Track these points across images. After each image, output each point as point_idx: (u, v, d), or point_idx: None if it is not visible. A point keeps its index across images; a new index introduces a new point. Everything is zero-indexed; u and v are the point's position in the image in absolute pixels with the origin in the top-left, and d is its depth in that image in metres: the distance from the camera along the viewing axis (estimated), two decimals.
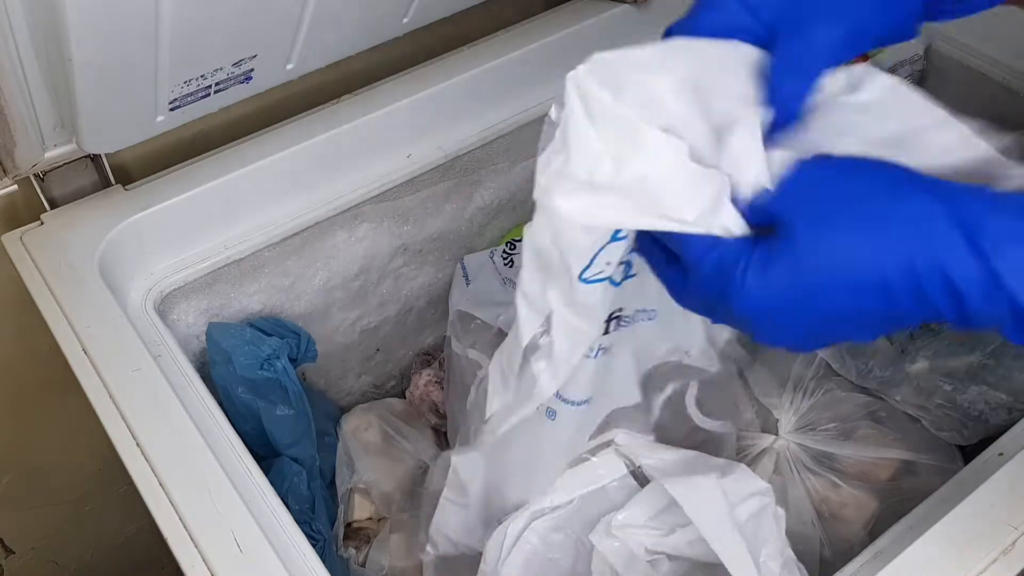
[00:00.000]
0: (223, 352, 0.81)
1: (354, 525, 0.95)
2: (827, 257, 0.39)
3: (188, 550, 0.59)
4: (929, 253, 0.38)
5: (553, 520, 0.65)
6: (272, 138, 0.84)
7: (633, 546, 0.60)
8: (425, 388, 1.00)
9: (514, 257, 0.97)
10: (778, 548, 0.59)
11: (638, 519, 0.62)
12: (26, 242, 0.77)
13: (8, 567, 1.09)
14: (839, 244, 0.39)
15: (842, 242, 0.39)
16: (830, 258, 0.39)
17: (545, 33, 0.94)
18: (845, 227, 0.39)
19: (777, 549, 0.59)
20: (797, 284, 0.40)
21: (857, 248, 0.39)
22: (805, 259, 0.39)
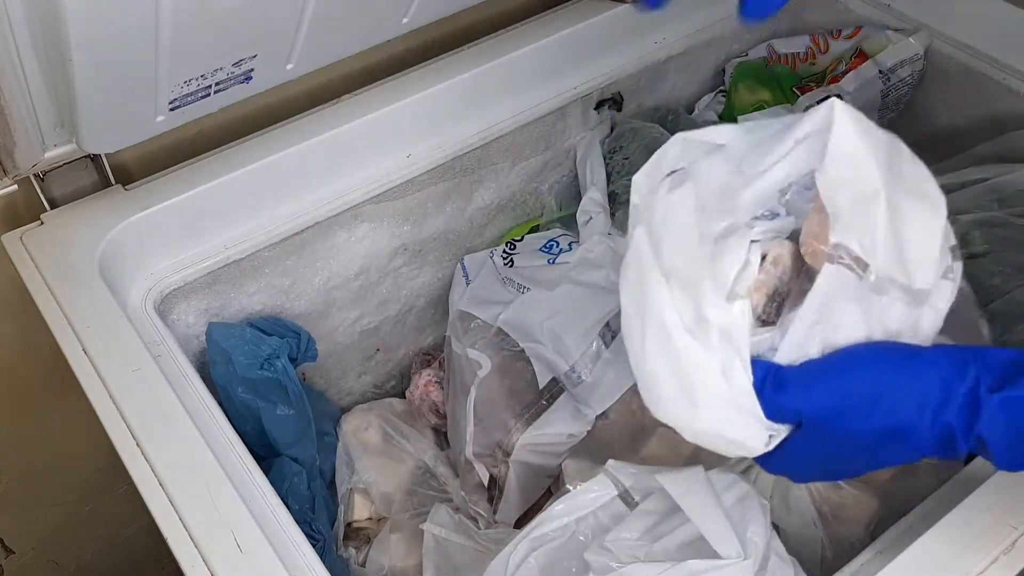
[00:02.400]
0: (223, 352, 0.81)
1: (354, 525, 0.95)
2: (832, 440, 0.51)
3: (188, 550, 0.59)
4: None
5: (551, 546, 0.65)
6: (272, 138, 0.84)
7: (625, 558, 0.60)
8: (425, 388, 1.00)
9: (514, 257, 0.97)
10: (764, 526, 0.60)
11: (631, 534, 0.63)
12: (26, 242, 0.77)
13: (8, 567, 1.09)
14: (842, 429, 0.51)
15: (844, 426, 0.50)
16: (835, 439, 0.51)
17: (545, 33, 0.94)
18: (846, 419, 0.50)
19: (763, 527, 0.60)
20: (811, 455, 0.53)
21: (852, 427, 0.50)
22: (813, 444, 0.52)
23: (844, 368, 0.50)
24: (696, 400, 0.51)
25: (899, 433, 0.49)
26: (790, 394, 0.50)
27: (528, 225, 1.05)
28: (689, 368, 0.51)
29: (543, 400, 0.86)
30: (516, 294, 0.91)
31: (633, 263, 0.54)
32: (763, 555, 0.59)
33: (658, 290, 0.51)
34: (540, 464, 0.86)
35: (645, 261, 0.53)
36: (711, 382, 0.50)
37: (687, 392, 0.51)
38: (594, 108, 1.00)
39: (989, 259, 0.78)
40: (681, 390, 0.51)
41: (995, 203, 0.82)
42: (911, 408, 0.48)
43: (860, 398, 0.49)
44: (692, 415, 0.52)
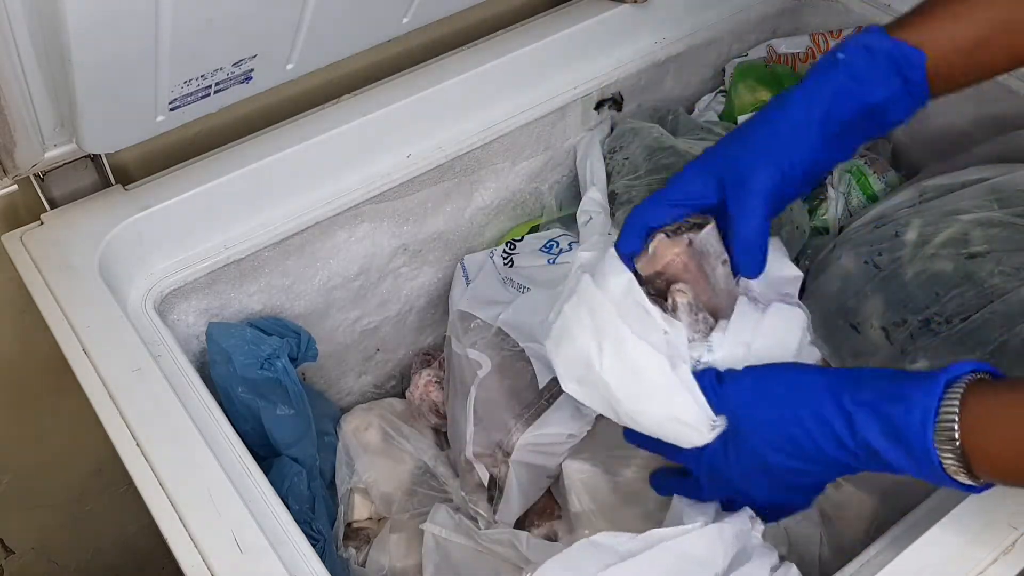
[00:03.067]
0: (223, 352, 0.81)
1: (354, 525, 0.95)
2: (760, 438, 0.60)
3: (188, 550, 0.59)
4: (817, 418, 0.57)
5: None
6: (272, 138, 0.84)
7: None
8: (425, 388, 1.00)
9: (514, 257, 0.97)
10: (741, 515, 0.63)
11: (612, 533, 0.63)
12: (26, 242, 0.77)
13: (8, 567, 1.09)
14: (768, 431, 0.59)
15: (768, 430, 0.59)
16: (762, 438, 0.59)
17: (545, 33, 0.94)
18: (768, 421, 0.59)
19: (740, 515, 0.63)
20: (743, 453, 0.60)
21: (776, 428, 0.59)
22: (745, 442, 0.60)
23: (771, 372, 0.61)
24: (651, 392, 0.61)
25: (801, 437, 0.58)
26: (722, 389, 0.60)
27: (528, 225, 1.05)
28: (643, 367, 0.61)
29: (543, 400, 0.86)
30: (516, 294, 0.91)
31: (584, 303, 0.64)
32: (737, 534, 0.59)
33: (611, 316, 0.62)
34: (540, 464, 0.86)
35: (596, 298, 0.63)
36: (663, 375, 0.60)
37: (644, 387, 0.62)
38: (594, 108, 1.00)
39: (989, 259, 0.78)
40: (638, 387, 0.62)
41: (995, 203, 0.82)
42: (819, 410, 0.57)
43: (782, 395, 0.59)
44: (648, 406, 0.62)
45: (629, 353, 0.61)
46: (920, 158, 1.06)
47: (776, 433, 0.58)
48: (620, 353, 0.62)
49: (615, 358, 0.62)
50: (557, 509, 0.89)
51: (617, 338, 0.62)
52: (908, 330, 0.80)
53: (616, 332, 0.62)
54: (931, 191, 0.86)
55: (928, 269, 0.81)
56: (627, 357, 0.61)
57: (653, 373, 0.61)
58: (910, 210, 0.86)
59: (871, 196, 0.98)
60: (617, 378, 0.62)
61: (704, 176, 0.65)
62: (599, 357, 0.62)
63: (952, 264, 0.80)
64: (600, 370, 0.62)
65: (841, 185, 0.98)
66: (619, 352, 0.62)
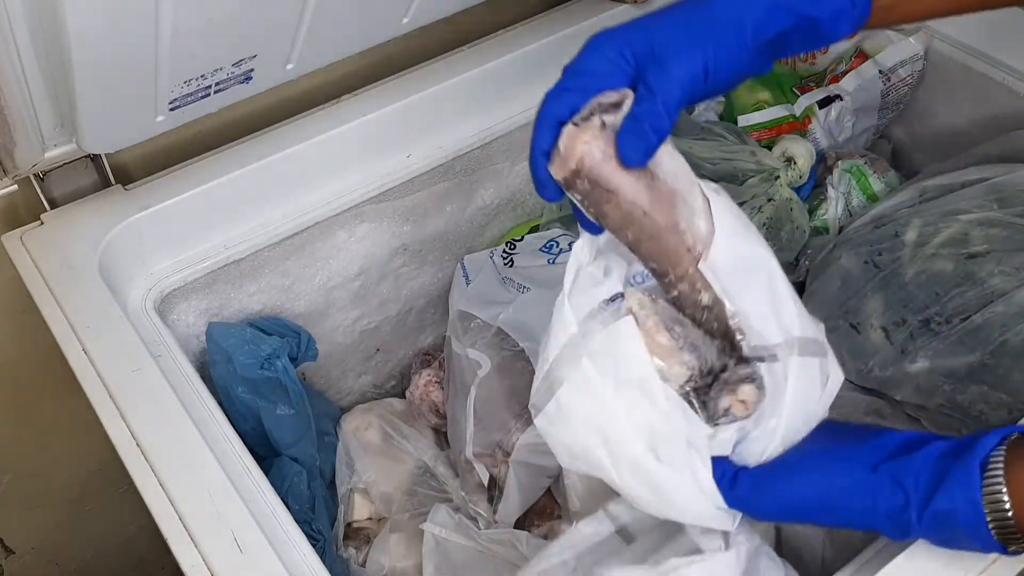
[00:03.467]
0: (223, 352, 0.81)
1: (354, 525, 0.95)
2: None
3: (188, 550, 0.59)
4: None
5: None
6: (272, 138, 0.84)
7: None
8: (425, 388, 1.00)
9: (514, 257, 0.97)
10: (750, 531, 0.61)
11: (624, 564, 0.63)
12: (26, 242, 0.77)
13: (8, 567, 1.09)
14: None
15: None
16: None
17: (545, 33, 0.94)
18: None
19: (748, 530, 0.62)
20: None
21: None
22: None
23: (793, 476, 0.56)
24: (677, 508, 0.57)
25: (850, 525, 0.55)
26: (743, 495, 0.56)
27: (528, 225, 1.05)
28: (666, 489, 0.56)
29: None
30: (516, 294, 0.91)
31: (588, 395, 0.57)
32: (750, 554, 0.59)
33: (621, 422, 0.55)
34: (540, 464, 0.86)
35: (601, 392, 0.56)
36: (685, 493, 0.56)
37: (666, 504, 0.57)
38: None
39: (989, 259, 0.78)
40: (661, 503, 0.57)
41: (995, 203, 0.82)
42: (858, 514, 0.54)
43: (810, 504, 0.55)
44: (674, 514, 0.58)
45: (652, 474, 0.55)
46: (920, 158, 1.07)
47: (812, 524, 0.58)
48: (638, 471, 0.56)
49: (633, 477, 0.56)
50: (557, 509, 0.89)
51: (634, 458, 0.56)
52: (908, 330, 0.80)
53: (632, 452, 0.55)
54: (931, 191, 0.86)
55: (928, 269, 0.81)
56: (649, 477, 0.56)
57: (679, 494, 0.56)
58: (910, 210, 0.86)
59: (871, 196, 0.98)
60: (635, 492, 0.57)
61: (618, 50, 0.57)
62: (613, 469, 0.57)
63: (952, 264, 0.80)
64: (615, 480, 0.57)
65: (841, 185, 0.98)
66: (637, 470, 0.56)
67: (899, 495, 0.52)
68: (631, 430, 0.55)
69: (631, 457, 0.55)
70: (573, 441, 0.58)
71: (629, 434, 0.55)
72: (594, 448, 0.57)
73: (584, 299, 0.57)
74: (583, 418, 0.57)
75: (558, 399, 0.57)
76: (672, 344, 0.55)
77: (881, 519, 0.53)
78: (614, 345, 0.55)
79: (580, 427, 0.57)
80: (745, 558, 0.58)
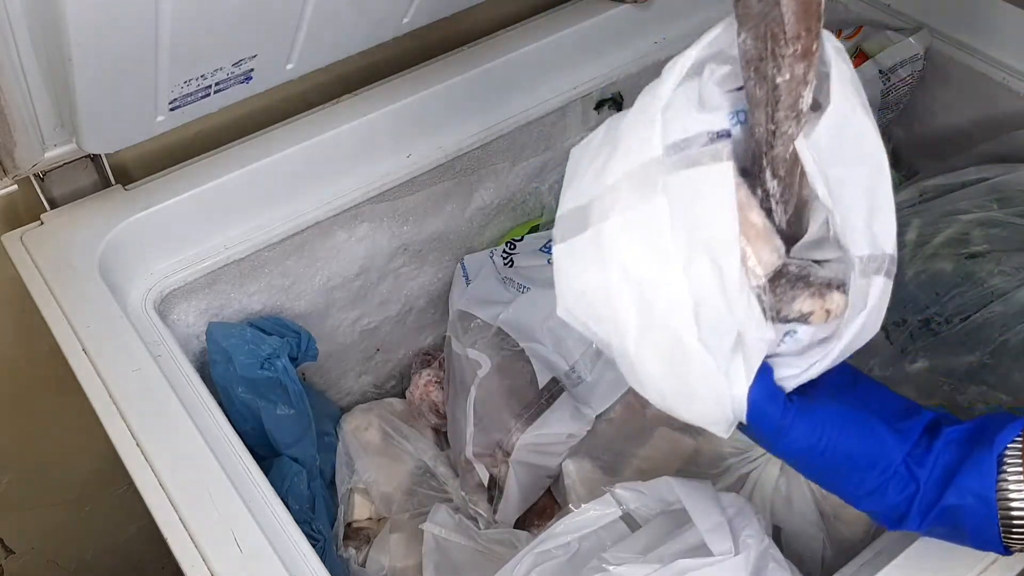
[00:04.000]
0: (223, 352, 0.81)
1: (354, 525, 0.95)
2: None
3: (188, 550, 0.59)
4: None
5: (553, 563, 0.66)
6: (272, 138, 0.84)
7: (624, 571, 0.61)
8: (425, 388, 1.00)
9: (514, 257, 0.97)
10: (759, 531, 0.60)
11: (629, 552, 0.63)
12: (26, 242, 0.77)
13: (8, 567, 1.09)
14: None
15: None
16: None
17: (545, 33, 0.94)
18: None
19: (758, 531, 0.60)
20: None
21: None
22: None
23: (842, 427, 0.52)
24: (686, 397, 0.49)
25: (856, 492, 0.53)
26: (788, 420, 0.51)
27: (528, 225, 1.05)
28: (690, 373, 0.47)
29: (543, 400, 0.86)
30: (516, 294, 0.91)
31: (643, 238, 0.46)
32: (757, 557, 0.59)
33: (675, 284, 0.46)
34: (540, 464, 0.86)
35: (664, 242, 0.45)
36: (708, 388, 0.48)
37: (678, 387, 0.49)
38: (594, 108, 1.00)
39: (989, 259, 0.78)
40: (671, 386, 0.49)
41: (995, 203, 0.82)
42: (870, 488, 0.52)
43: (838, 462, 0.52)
44: (678, 403, 0.50)
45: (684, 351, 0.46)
46: (920, 158, 1.06)
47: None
48: (668, 343, 0.47)
49: (654, 348, 0.47)
50: (557, 509, 0.89)
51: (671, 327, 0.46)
52: (908, 330, 0.80)
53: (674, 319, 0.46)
54: (931, 191, 0.87)
55: (928, 269, 0.81)
56: (677, 353, 0.47)
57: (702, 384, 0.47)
58: (910, 210, 0.86)
59: None
60: (646, 366, 0.48)
61: None
62: (634, 332, 0.47)
63: (952, 264, 0.80)
64: (627, 346, 0.48)
65: None
66: (666, 341, 0.47)
67: (909, 486, 0.51)
68: (684, 296, 0.45)
69: (669, 325, 0.46)
70: (594, 287, 0.48)
71: (680, 299, 0.45)
72: (620, 302, 0.47)
73: (679, 122, 0.46)
74: (624, 263, 0.46)
75: (600, 232, 0.47)
76: (766, 226, 0.47)
77: (883, 505, 0.52)
78: (702, 193, 0.45)
79: (614, 272, 0.47)
80: (754, 561, 0.58)
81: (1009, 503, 0.49)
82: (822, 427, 0.51)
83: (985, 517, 0.49)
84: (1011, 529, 0.49)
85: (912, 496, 0.51)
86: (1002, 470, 0.49)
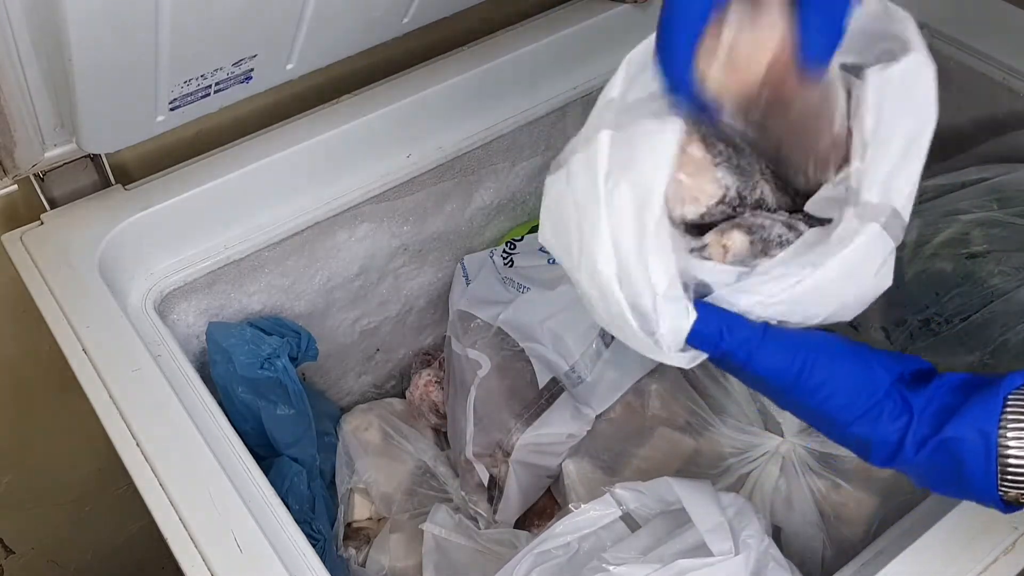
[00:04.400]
0: (223, 351, 0.81)
1: (354, 525, 0.95)
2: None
3: (188, 550, 0.59)
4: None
5: (553, 563, 0.66)
6: (272, 138, 0.84)
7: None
8: (425, 388, 1.00)
9: (514, 257, 0.97)
10: (759, 531, 0.60)
11: (628, 553, 0.63)
12: (26, 242, 0.77)
13: (8, 567, 1.09)
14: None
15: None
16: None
17: (545, 33, 0.94)
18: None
19: (758, 531, 0.60)
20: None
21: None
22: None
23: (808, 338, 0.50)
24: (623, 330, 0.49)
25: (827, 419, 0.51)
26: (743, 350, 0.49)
27: (528, 225, 1.05)
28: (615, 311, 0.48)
29: (543, 400, 0.86)
30: (516, 294, 0.91)
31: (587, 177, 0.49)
32: (757, 557, 0.59)
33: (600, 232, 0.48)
34: (540, 464, 0.86)
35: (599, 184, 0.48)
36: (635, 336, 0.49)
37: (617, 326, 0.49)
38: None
39: (989, 259, 0.78)
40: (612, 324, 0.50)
41: (995, 203, 0.82)
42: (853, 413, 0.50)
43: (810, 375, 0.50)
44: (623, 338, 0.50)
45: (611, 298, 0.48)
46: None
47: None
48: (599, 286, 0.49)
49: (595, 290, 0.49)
50: (557, 509, 0.89)
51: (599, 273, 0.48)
52: (908, 330, 0.80)
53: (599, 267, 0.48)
54: (931, 191, 0.87)
55: (928, 269, 0.81)
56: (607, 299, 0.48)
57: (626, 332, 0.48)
58: None
59: None
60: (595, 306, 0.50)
61: None
62: (579, 272, 0.50)
63: (952, 264, 0.80)
64: (579, 282, 0.51)
65: None
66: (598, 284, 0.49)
67: (903, 415, 0.49)
68: (607, 244, 0.47)
69: (594, 256, 0.48)
70: (561, 218, 0.51)
71: (603, 248, 0.48)
72: (572, 232, 0.50)
73: (645, 76, 0.51)
74: (575, 194, 0.49)
75: (569, 167, 0.50)
76: (705, 158, 0.49)
77: (875, 433, 0.49)
78: (644, 143, 0.48)
79: (570, 204, 0.50)
80: (754, 561, 0.58)
81: (1007, 448, 0.47)
82: (795, 350, 0.49)
83: (984, 455, 0.47)
84: (1005, 474, 0.48)
85: (906, 426, 0.49)
86: (1003, 414, 0.47)
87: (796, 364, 0.49)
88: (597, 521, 0.67)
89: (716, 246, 0.49)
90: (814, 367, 0.49)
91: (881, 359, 0.51)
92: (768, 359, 0.49)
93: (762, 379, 0.50)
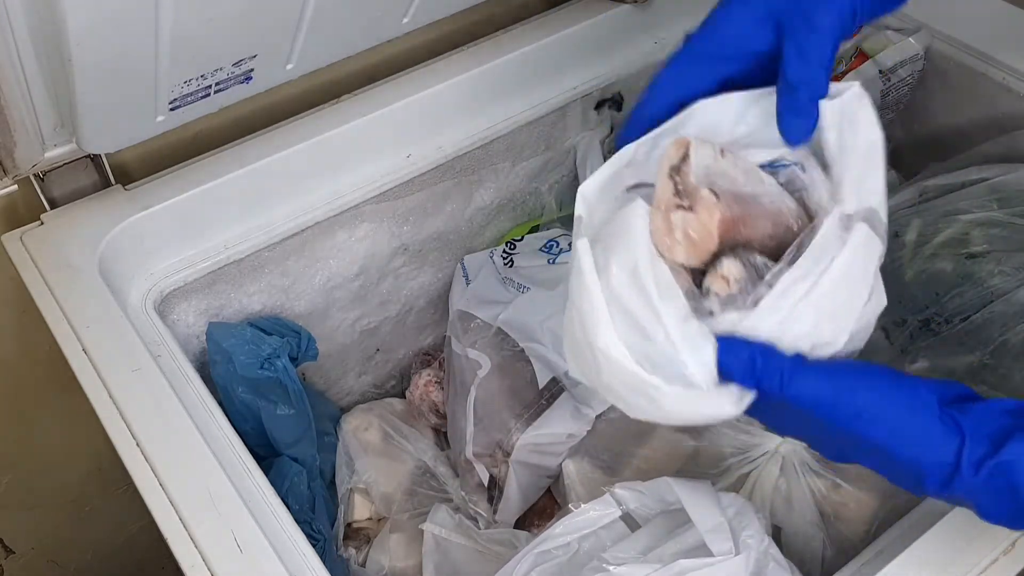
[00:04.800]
0: (223, 351, 0.81)
1: (354, 525, 0.95)
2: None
3: (188, 550, 0.59)
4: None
5: (553, 563, 0.66)
6: (272, 138, 0.84)
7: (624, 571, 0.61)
8: (425, 388, 1.00)
9: (514, 257, 0.97)
10: (759, 531, 0.60)
11: (628, 553, 0.63)
12: (26, 242, 0.77)
13: (8, 567, 1.09)
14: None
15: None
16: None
17: (545, 33, 0.94)
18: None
19: (759, 531, 0.60)
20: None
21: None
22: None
23: (853, 372, 0.48)
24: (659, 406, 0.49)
25: (876, 450, 0.48)
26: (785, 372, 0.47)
27: (528, 225, 1.05)
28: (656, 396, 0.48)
29: (543, 400, 0.86)
30: (516, 294, 0.91)
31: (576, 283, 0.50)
32: (757, 557, 0.59)
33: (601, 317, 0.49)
34: (540, 464, 0.86)
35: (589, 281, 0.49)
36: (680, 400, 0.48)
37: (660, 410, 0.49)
38: (594, 108, 1.00)
39: (989, 259, 0.78)
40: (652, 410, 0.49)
41: (995, 203, 0.82)
42: (906, 439, 0.47)
43: (857, 403, 0.48)
44: (658, 415, 0.50)
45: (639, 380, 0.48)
46: (920, 158, 1.06)
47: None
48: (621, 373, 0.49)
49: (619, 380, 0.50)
50: (557, 509, 0.89)
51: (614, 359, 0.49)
52: (908, 330, 0.80)
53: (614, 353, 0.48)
54: (931, 191, 0.87)
55: (928, 269, 0.81)
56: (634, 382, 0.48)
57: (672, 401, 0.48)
58: (910, 210, 0.86)
59: None
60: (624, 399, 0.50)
61: (754, 13, 0.51)
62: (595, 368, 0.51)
63: (952, 264, 0.80)
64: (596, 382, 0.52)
65: None
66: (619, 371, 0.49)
67: (956, 436, 0.47)
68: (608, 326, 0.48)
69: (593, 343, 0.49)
70: (572, 344, 0.53)
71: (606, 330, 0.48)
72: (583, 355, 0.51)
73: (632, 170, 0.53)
74: (578, 310, 0.51)
75: (569, 297, 0.52)
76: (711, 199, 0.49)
77: (928, 456, 0.47)
78: (618, 228, 0.50)
79: (576, 329, 0.51)
80: (754, 561, 0.58)
81: None
82: (832, 374, 0.47)
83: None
84: None
85: (959, 448, 0.46)
86: None
87: (835, 388, 0.47)
88: (597, 521, 0.67)
89: (717, 281, 0.49)
90: (855, 390, 0.47)
91: (924, 381, 0.49)
92: (805, 385, 0.47)
93: (798, 411, 0.48)
